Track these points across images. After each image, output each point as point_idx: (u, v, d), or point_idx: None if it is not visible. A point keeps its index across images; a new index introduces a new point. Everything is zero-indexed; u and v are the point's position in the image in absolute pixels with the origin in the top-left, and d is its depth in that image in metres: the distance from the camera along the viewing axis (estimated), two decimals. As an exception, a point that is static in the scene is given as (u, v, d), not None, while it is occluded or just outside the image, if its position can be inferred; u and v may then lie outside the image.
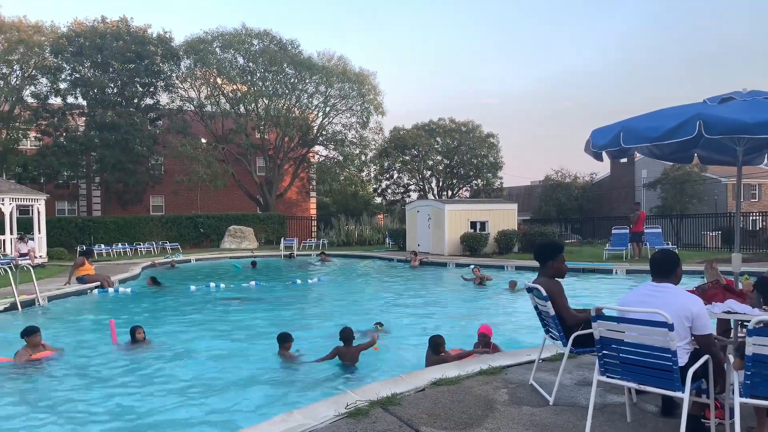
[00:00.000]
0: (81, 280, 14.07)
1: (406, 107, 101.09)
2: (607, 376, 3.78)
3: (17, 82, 30.28)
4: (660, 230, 21.28)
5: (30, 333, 7.15)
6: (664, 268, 3.86)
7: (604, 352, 3.74)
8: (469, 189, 44.08)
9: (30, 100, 31.05)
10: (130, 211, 33.02)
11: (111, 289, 13.85)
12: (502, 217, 23.82)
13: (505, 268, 18.09)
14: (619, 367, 3.69)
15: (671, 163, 35.14)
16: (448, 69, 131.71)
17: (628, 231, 19.37)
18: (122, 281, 15.41)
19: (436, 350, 6.56)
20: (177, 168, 33.16)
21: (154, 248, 27.37)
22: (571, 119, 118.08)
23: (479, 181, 42.73)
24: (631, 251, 19.02)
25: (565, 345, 4.58)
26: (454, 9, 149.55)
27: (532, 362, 5.63)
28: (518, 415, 4.27)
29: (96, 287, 13.82)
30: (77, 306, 12.09)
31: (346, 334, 7.22)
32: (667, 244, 20.77)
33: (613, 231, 20.63)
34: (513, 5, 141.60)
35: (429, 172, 42.91)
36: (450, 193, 43.34)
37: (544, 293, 4.61)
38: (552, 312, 4.61)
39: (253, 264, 20.62)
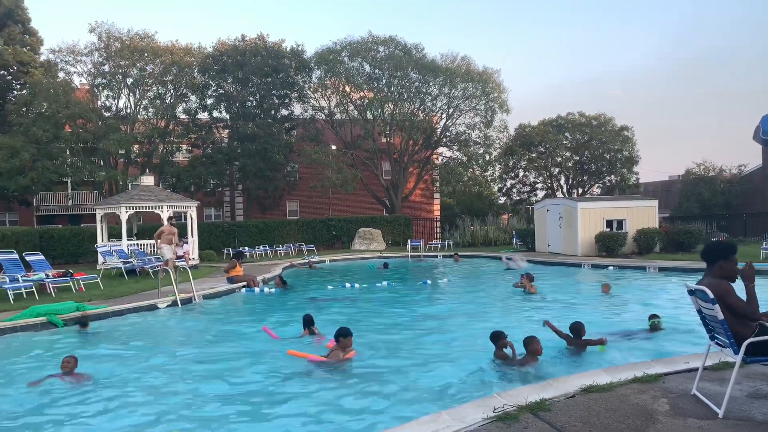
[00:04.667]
0: (230, 280, 15.31)
1: (532, 102, 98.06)
2: (793, 390, 3.41)
3: (171, 101, 33.54)
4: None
5: (345, 335, 7.57)
6: None
7: (788, 363, 3.38)
8: (601, 186, 41.75)
9: (182, 116, 34.31)
10: (269, 215, 35.24)
11: (257, 289, 14.88)
12: (641, 215, 22.37)
13: (646, 270, 16.96)
14: (808, 380, 3.32)
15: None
16: (577, 60, 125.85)
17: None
18: (265, 281, 16.51)
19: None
20: (310, 174, 34.85)
21: (291, 250, 29.04)
22: (712, 107, 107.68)
23: (613, 177, 40.35)
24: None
25: (736, 353, 4.19)
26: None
27: (690, 370, 5.25)
28: (684, 428, 3.98)
29: (243, 287, 14.94)
30: (227, 304, 13.15)
31: (576, 327, 7.50)
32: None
33: (773, 228, 18.57)
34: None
35: (557, 170, 41.24)
36: (580, 190, 41.34)
37: (711, 295, 4.24)
38: (720, 316, 4.23)
39: (386, 265, 21.17)
